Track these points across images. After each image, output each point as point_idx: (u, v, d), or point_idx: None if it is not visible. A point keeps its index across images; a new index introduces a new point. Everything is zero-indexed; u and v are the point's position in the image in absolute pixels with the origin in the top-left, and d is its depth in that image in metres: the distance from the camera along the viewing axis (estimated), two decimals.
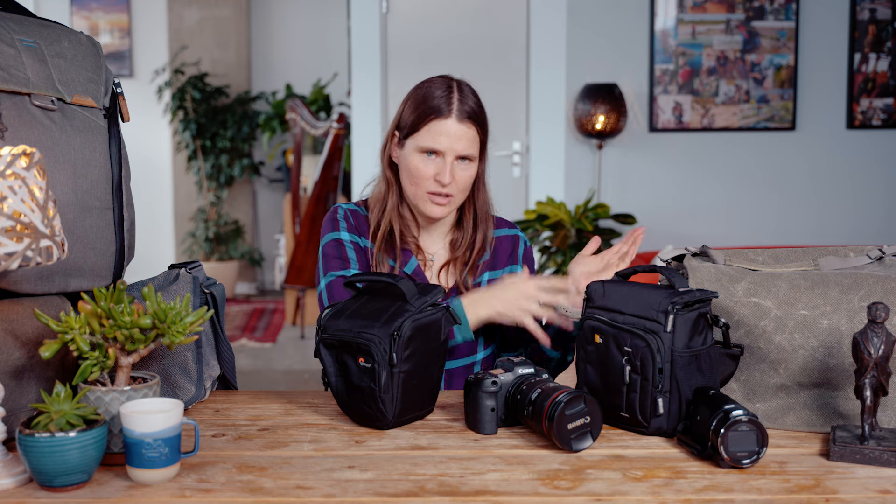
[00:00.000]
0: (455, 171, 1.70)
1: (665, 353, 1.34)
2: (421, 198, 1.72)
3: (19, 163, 1.18)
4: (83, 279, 1.43)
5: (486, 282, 1.79)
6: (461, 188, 1.72)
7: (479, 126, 1.72)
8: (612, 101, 4.43)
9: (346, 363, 1.42)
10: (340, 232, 1.75)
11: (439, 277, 1.79)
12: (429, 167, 1.70)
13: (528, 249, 1.87)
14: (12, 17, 1.42)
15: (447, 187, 1.70)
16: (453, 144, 1.68)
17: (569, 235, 4.32)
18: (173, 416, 1.18)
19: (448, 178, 1.68)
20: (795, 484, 1.18)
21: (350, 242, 1.75)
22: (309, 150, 6.61)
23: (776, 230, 4.70)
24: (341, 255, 1.73)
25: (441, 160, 1.69)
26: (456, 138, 1.68)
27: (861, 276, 1.42)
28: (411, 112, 1.71)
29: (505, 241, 1.85)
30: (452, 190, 1.70)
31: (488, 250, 1.81)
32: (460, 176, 1.70)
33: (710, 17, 4.56)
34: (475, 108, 1.71)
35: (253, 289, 7.22)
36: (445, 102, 1.69)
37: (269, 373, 4.96)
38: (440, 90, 1.70)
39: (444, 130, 1.68)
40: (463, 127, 1.69)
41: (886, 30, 4.59)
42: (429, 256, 1.80)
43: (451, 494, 1.15)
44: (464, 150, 1.69)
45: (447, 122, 1.68)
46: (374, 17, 4.70)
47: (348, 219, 1.77)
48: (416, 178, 1.71)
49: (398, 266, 1.75)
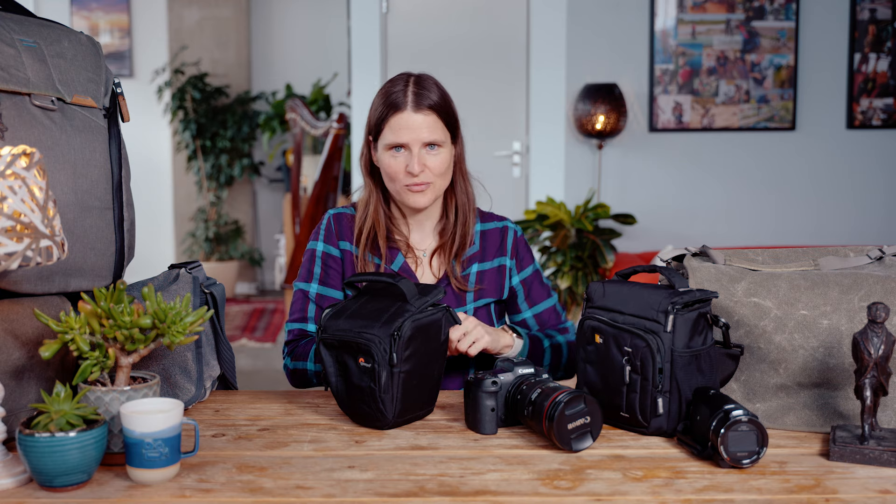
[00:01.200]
0: (424, 159, 1.73)
1: (665, 353, 1.34)
2: (401, 192, 1.76)
3: (19, 163, 1.18)
4: (83, 279, 1.43)
5: (475, 273, 1.80)
6: (436, 174, 1.74)
7: (440, 113, 1.74)
8: (612, 101, 4.43)
9: (347, 363, 1.42)
10: (318, 242, 1.82)
11: (431, 268, 1.80)
12: (399, 162, 1.73)
13: (518, 238, 1.87)
14: (12, 17, 1.42)
15: (420, 176, 1.73)
16: (414, 134, 1.71)
17: (569, 235, 4.32)
18: (173, 416, 1.18)
19: (417, 167, 1.71)
20: (795, 484, 1.18)
21: (321, 254, 1.80)
22: (309, 150, 6.61)
23: (776, 230, 4.70)
24: (310, 268, 1.81)
25: (408, 153, 1.73)
26: (416, 128, 1.71)
27: (861, 276, 1.42)
28: (374, 113, 1.76)
29: (493, 233, 1.85)
30: (427, 177, 1.73)
31: (476, 243, 1.82)
32: (431, 163, 1.73)
33: (710, 17, 4.56)
34: (432, 97, 1.74)
35: (253, 289, 7.22)
36: (402, 96, 1.72)
37: (269, 373, 4.95)
38: (397, 86, 1.74)
39: (403, 124, 1.72)
40: (420, 116, 1.72)
41: (886, 30, 4.59)
42: (419, 252, 1.82)
43: (451, 494, 1.15)
44: (427, 136, 1.72)
45: (404, 114, 1.72)
46: (374, 17, 4.70)
47: (330, 227, 1.82)
48: (391, 176, 1.75)
49: (384, 264, 1.78)
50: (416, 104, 1.71)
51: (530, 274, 1.86)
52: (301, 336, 1.78)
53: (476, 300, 1.80)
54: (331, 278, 1.79)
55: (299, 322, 1.78)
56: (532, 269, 1.86)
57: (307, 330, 1.77)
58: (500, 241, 1.85)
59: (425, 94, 1.73)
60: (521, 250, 1.86)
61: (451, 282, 1.78)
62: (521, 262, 1.85)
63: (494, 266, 1.83)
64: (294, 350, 1.77)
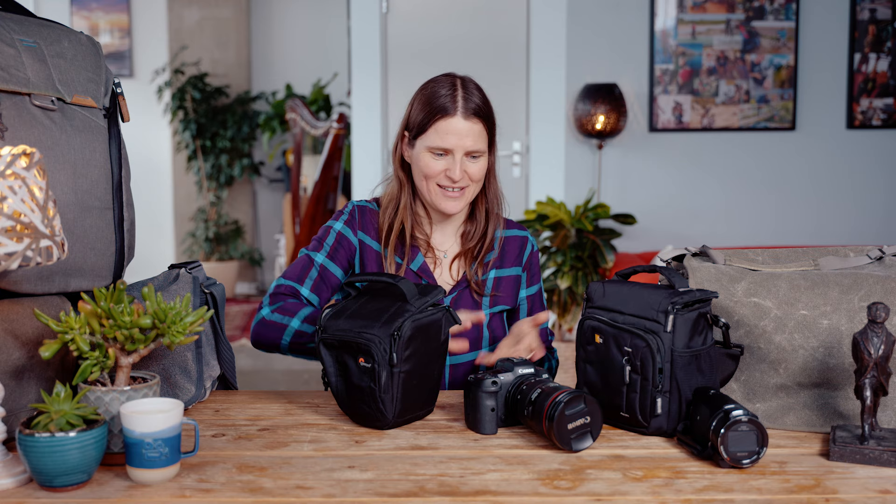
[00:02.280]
0: (465, 166, 1.73)
1: (665, 352, 1.34)
2: (434, 193, 1.75)
3: (19, 163, 1.18)
4: (83, 279, 1.43)
5: (492, 279, 1.80)
6: (474, 180, 1.75)
7: (486, 121, 1.74)
8: (612, 101, 4.43)
9: (347, 363, 1.42)
10: (339, 222, 1.80)
11: (451, 270, 1.80)
12: (439, 164, 1.73)
13: (533, 254, 1.88)
14: (12, 17, 1.42)
15: (458, 182, 1.73)
16: (461, 142, 1.71)
17: (569, 235, 4.32)
18: (173, 416, 1.18)
19: (459, 174, 1.72)
20: (795, 484, 1.18)
21: (338, 233, 1.78)
22: (309, 150, 6.61)
23: (776, 230, 4.70)
24: (322, 239, 1.78)
25: (451, 158, 1.72)
26: (463, 135, 1.71)
27: (861, 276, 1.42)
28: (419, 112, 1.74)
29: (514, 241, 1.86)
30: (464, 183, 1.74)
31: (496, 248, 1.82)
32: (471, 170, 1.73)
33: (710, 17, 4.56)
34: (480, 104, 1.73)
35: (253, 289, 7.22)
36: (451, 101, 1.71)
37: (269, 373, 4.95)
38: (445, 88, 1.73)
39: (450, 129, 1.70)
40: (469, 123, 1.71)
41: (886, 30, 4.59)
42: (440, 254, 1.81)
43: (451, 494, 1.15)
44: (472, 146, 1.72)
45: (453, 120, 1.70)
46: (374, 17, 4.70)
47: (353, 215, 1.80)
48: (428, 174, 1.74)
49: (405, 263, 1.77)
50: (466, 110, 1.70)
51: (536, 292, 1.87)
52: (292, 294, 1.74)
53: (492, 306, 1.80)
54: (339, 256, 1.77)
55: (295, 281, 1.74)
56: (538, 288, 1.88)
57: (300, 292, 1.74)
58: (518, 251, 1.85)
59: (473, 101, 1.72)
60: (533, 265, 1.88)
61: (470, 286, 1.78)
62: (532, 277, 1.87)
63: (511, 274, 1.83)
64: (281, 304, 1.71)
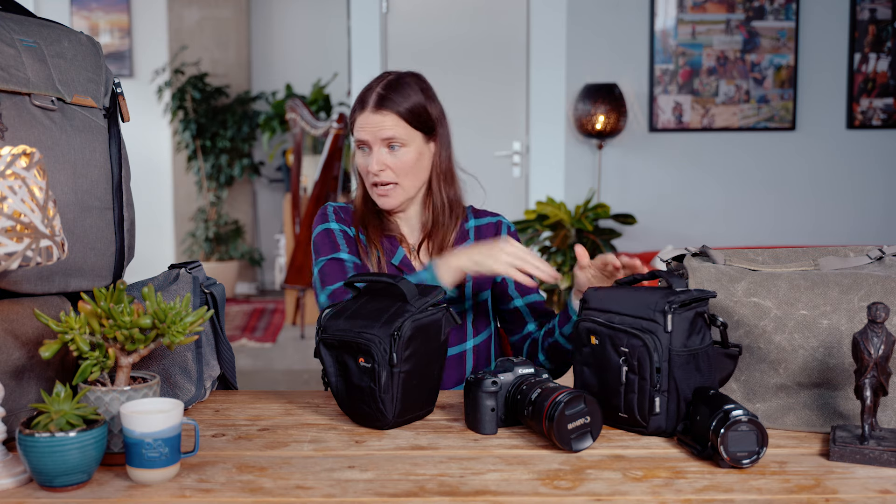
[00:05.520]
0: (384, 158, 1.74)
1: (662, 352, 1.34)
2: (371, 190, 1.79)
3: (19, 163, 1.18)
4: (83, 279, 1.43)
5: None
6: (400, 173, 1.75)
7: (397, 111, 1.73)
8: (612, 101, 4.43)
9: (347, 363, 1.42)
10: (330, 222, 1.82)
11: (419, 259, 1.82)
12: (364, 160, 1.77)
13: (511, 233, 1.89)
14: (12, 17, 1.42)
15: (380, 175, 1.74)
16: (373, 133, 1.74)
17: (569, 235, 4.32)
18: (173, 416, 1.18)
19: (375, 165, 1.74)
20: (795, 484, 1.18)
21: (339, 231, 1.80)
22: (309, 150, 6.61)
23: (776, 230, 4.70)
24: (331, 240, 1.79)
25: (371, 151, 1.75)
26: (372, 126, 1.74)
27: (861, 276, 1.42)
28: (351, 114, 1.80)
29: (487, 228, 1.87)
30: (388, 177, 1.75)
31: (471, 238, 1.84)
32: (392, 161, 1.74)
33: (710, 17, 4.56)
34: (393, 96, 1.74)
35: (253, 289, 7.22)
36: (367, 94, 1.76)
37: (269, 373, 4.95)
38: (371, 84, 1.77)
39: (363, 123, 1.75)
40: (378, 115, 1.73)
41: (886, 30, 4.59)
42: (412, 247, 1.84)
43: (451, 494, 1.15)
44: (385, 134, 1.73)
45: (364, 113, 1.75)
46: (374, 17, 4.70)
47: (338, 213, 1.83)
48: (360, 173, 1.79)
49: (382, 257, 1.79)
50: (375, 104, 1.73)
51: None
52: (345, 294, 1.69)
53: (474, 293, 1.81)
54: (353, 247, 1.79)
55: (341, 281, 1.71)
56: None
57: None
58: (493, 234, 1.86)
59: (390, 95, 1.73)
60: None
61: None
62: None
63: None
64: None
